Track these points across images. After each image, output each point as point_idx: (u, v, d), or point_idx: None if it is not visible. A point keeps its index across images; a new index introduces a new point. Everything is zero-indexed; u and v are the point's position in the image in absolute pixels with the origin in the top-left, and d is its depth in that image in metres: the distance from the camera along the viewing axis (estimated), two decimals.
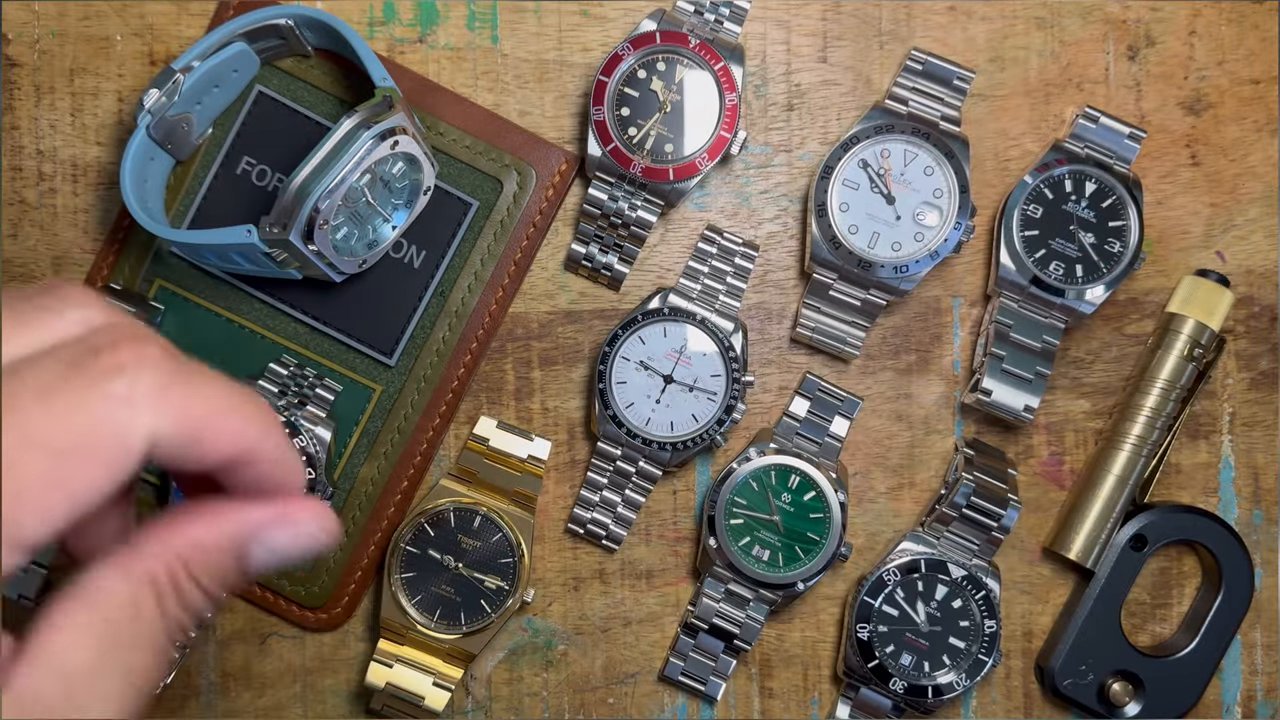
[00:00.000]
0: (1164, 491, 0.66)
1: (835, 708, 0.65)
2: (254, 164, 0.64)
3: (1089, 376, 0.66)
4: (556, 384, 0.65)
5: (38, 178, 0.65)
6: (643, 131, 0.62)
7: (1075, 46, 0.66)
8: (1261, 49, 0.66)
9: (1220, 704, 0.66)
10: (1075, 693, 0.64)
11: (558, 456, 0.65)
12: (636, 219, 0.63)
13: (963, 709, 0.66)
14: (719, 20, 0.63)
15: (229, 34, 0.60)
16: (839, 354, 0.65)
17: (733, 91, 0.62)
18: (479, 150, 0.64)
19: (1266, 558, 0.66)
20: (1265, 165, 0.66)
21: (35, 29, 0.65)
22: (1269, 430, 0.66)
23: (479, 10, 0.65)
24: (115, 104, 0.65)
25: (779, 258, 0.66)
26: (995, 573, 0.63)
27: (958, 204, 0.62)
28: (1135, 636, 0.66)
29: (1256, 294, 0.66)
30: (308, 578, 0.64)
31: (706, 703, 0.65)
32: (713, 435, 0.63)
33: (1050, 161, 0.63)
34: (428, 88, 0.64)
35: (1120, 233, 0.63)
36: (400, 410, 0.64)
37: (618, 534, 0.64)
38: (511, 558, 0.62)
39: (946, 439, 0.66)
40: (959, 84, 0.63)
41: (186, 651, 0.62)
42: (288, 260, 0.58)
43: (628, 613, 0.66)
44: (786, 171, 0.66)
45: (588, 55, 0.65)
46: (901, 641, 0.62)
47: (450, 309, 0.64)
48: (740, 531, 0.62)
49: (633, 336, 0.63)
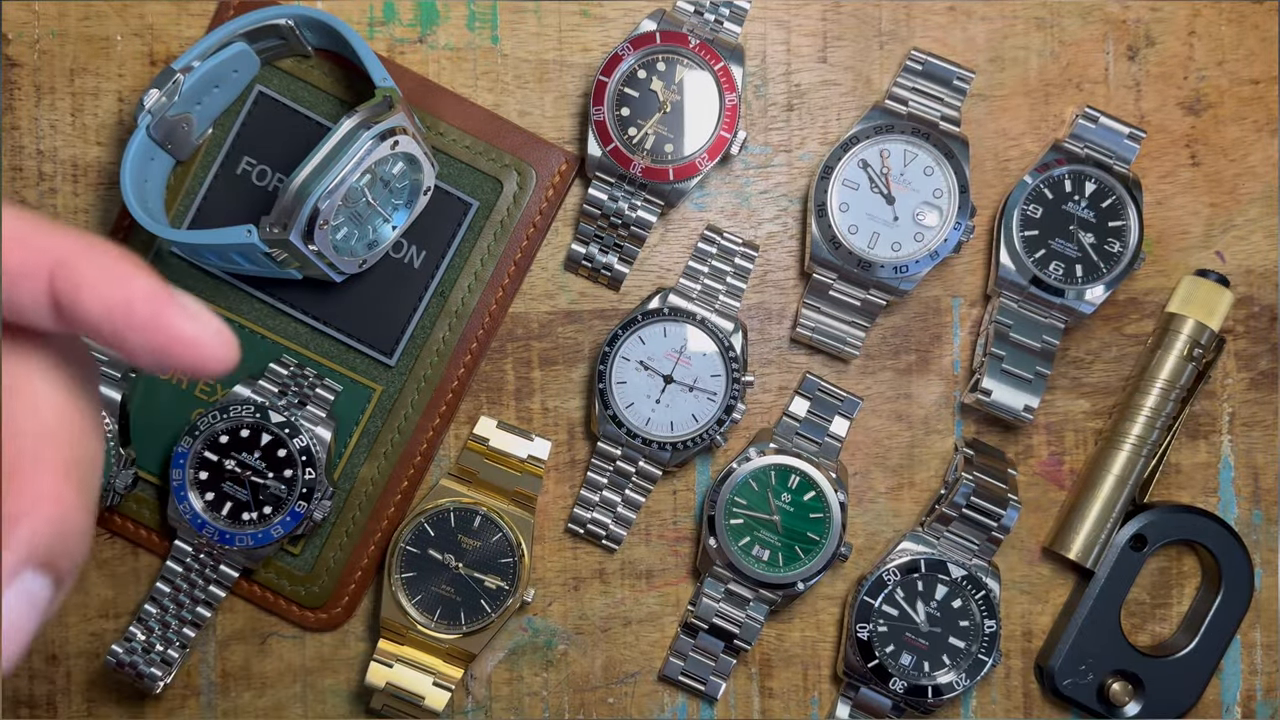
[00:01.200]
0: (1164, 491, 0.66)
1: (835, 707, 0.65)
2: (254, 164, 0.64)
3: (1089, 376, 0.66)
4: (556, 384, 0.65)
5: (38, 178, 0.65)
6: (643, 131, 0.62)
7: (1075, 46, 0.66)
8: (1261, 49, 0.66)
9: (1220, 704, 0.66)
10: (1075, 693, 0.64)
11: (558, 456, 0.65)
12: (636, 219, 0.63)
13: (963, 709, 0.66)
14: (719, 20, 0.63)
15: (229, 34, 0.60)
16: (839, 354, 0.65)
17: (733, 91, 0.62)
18: (479, 150, 0.64)
19: (1266, 558, 0.66)
20: (1265, 165, 0.66)
21: (35, 29, 0.65)
22: (1269, 430, 0.66)
23: (479, 10, 0.65)
24: (115, 104, 0.65)
25: (779, 258, 0.66)
26: (995, 573, 0.63)
27: (957, 204, 0.62)
28: (1135, 636, 0.66)
29: (1256, 294, 0.66)
30: (308, 578, 0.64)
31: (706, 703, 0.65)
32: (713, 435, 0.63)
33: (1050, 161, 0.63)
34: (428, 88, 0.64)
35: (1120, 233, 0.63)
36: (400, 410, 0.64)
37: (618, 534, 0.64)
38: (511, 557, 0.62)
39: (946, 439, 0.66)
40: (959, 84, 0.63)
41: (187, 651, 0.63)
42: (288, 260, 0.58)
43: (628, 613, 0.66)
44: (786, 171, 0.66)
45: (588, 55, 0.65)
46: (901, 641, 0.62)
47: (450, 309, 0.64)
48: (740, 531, 0.62)
49: (633, 336, 0.63)
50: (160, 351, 0.26)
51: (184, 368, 0.26)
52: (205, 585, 0.62)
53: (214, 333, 0.26)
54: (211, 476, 0.61)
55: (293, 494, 0.61)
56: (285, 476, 0.61)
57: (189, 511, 0.61)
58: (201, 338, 0.26)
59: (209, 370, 0.26)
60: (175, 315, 0.25)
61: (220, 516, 0.61)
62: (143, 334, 0.25)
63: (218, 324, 0.26)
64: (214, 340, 0.26)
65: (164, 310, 0.25)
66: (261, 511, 0.61)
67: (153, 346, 0.26)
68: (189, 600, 0.62)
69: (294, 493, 0.61)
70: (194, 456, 0.61)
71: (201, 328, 0.26)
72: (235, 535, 0.61)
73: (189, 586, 0.62)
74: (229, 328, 0.27)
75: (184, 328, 0.26)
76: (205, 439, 0.61)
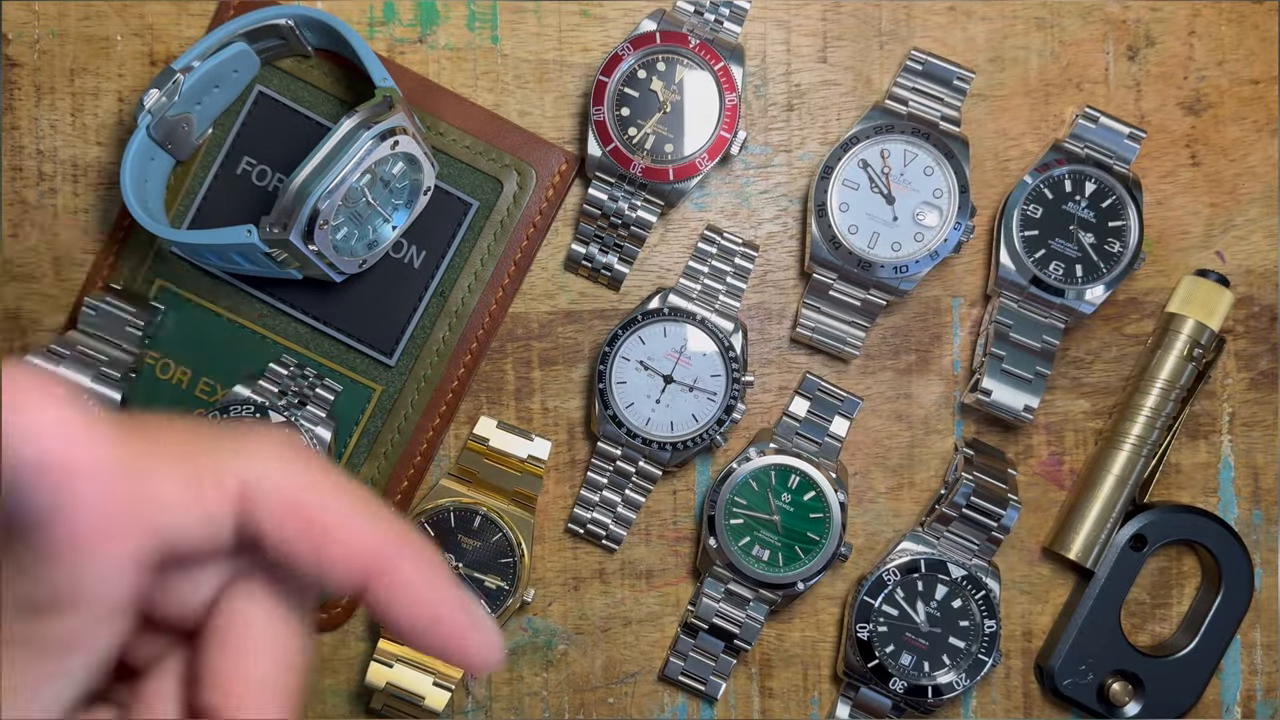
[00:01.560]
0: (1164, 491, 0.66)
1: (835, 707, 0.65)
2: (254, 164, 0.64)
3: (1089, 376, 0.66)
4: (556, 384, 0.65)
5: (38, 178, 0.65)
6: (643, 131, 0.62)
7: (1075, 46, 0.66)
8: (1261, 49, 0.66)
9: (1220, 704, 0.66)
10: (1075, 693, 0.64)
11: (558, 456, 0.65)
12: (636, 219, 0.63)
13: (962, 709, 0.66)
14: (719, 20, 0.63)
15: (229, 34, 0.60)
16: (839, 354, 0.65)
17: (733, 91, 0.62)
18: (479, 150, 0.64)
19: (1266, 558, 0.66)
20: (1265, 165, 0.66)
21: (35, 29, 0.65)
22: (1269, 430, 0.66)
23: (479, 10, 0.65)
24: (115, 104, 0.65)
25: (779, 258, 0.66)
26: (995, 573, 0.63)
27: (957, 204, 0.62)
28: (1135, 636, 0.66)
29: (1256, 294, 0.66)
30: None
31: (706, 702, 0.65)
32: (713, 435, 0.63)
33: (1050, 161, 0.63)
34: (428, 88, 0.64)
35: (1120, 233, 0.63)
36: (400, 410, 0.64)
37: (618, 534, 0.64)
38: (511, 557, 0.62)
39: (946, 439, 0.66)
40: (959, 84, 0.63)
41: None
42: (288, 260, 0.58)
43: (628, 612, 0.66)
44: (786, 171, 0.66)
45: (588, 55, 0.65)
46: (901, 641, 0.62)
47: (450, 309, 0.64)
48: (740, 531, 0.62)
49: (633, 336, 0.63)
50: (440, 652, 0.27)
51: (449, 661, 0.28)
52: None
53: (493, 644, 0.27)
54: None
55: None
56: None
57: None
58: (483, 648, 0.27)
59: (472, 670, 0.28)
60: (472, 632, 0.27)
61: None
62: (438, 642, 0.27)
63: (495, 633, 0.28)
64: (490, 652, 0.27)
65: (466, 628, 0.27)
66: None
67: (439, 650, 0.27)
68: None
69: None
70: None
71: (484, 639, 0.27)
72: None
73: None
74: (499, 633, 0.28)
75: (473, 641, 0.27)
76: None
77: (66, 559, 0.23)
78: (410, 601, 0.26)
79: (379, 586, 0.26)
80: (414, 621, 0.27)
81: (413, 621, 0.27)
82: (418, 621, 0.27)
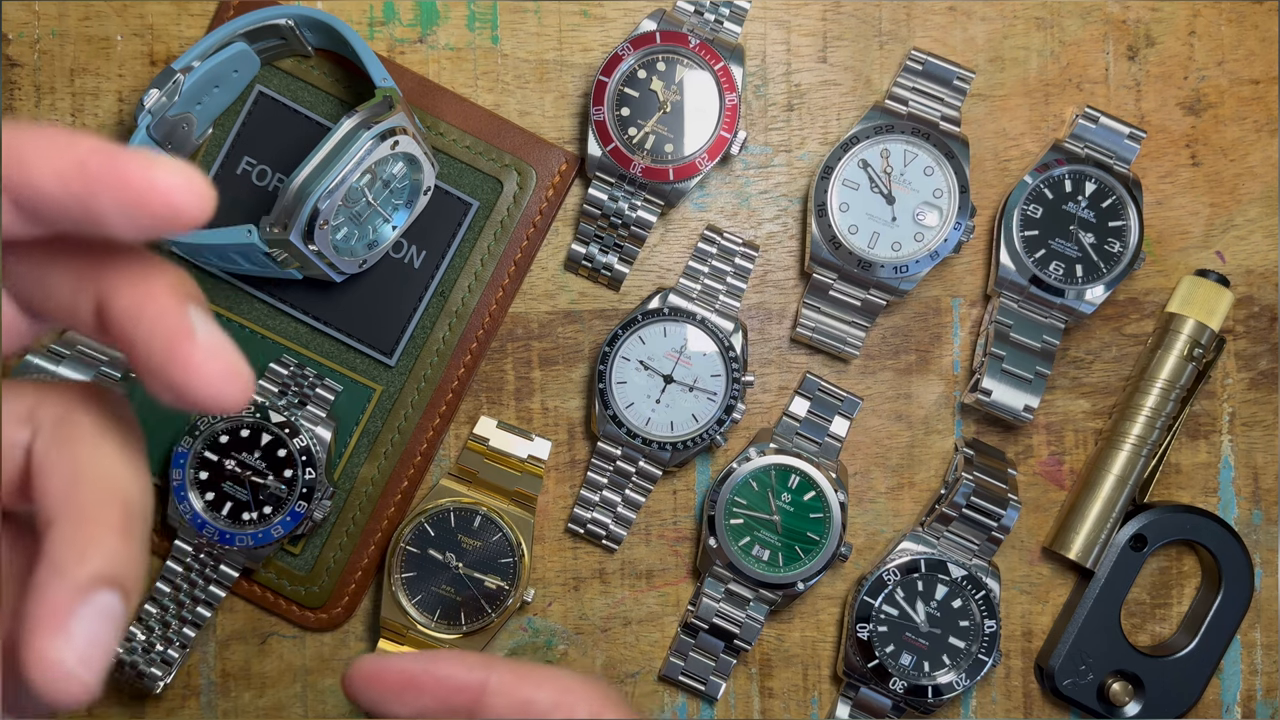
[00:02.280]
0: (1164, 491, 0.66)
1: (835, 708, 0.65)
2: (254, 164, 0.64)
3: (1089, 376, 0.66)
4: (556, 384, 0.65)
5: None
6: (643, 131, 0.62)
7: (1075, 46, 0.66)
8: (1261, 49, 0.66)
9: (1220, 704, 0.66)
10: (1075, 693, 0.64)
11: (558, 456, 0.65)
12: (636, 219, 0.63)
13: (962, 709, 0.66)
14: (719, 20, 0.63)
15: (229, 34, 0.60)
16: (839, 354, 0.65)
17: (733, 91, 0.62)
18: (479, 150, 0.64)
19: (1266, 558, 0.66)
20: (1265, 165, 0.66)
21: (35, 29, 0.65)
22: (1269, 430, 0.66)
23: (479, 10, 0.65)
24: (115, 104, 0.65)
25: (779, 258, 0.66)
26: (995, 573, 0.63)
27: (957, 204, 0.62)
28: (1135, 636, 0.66)
29: (1256, 294, 0.66)
30: (308, 578, 0.64)
31: (706, 702, 0.65)
32: (713, 435, 0.63)
33: (1050, 161, 0.63)
34: (428, 88, 0.64)
35: (1120, 233, 0.63)
36: (400, 410, 0.64)
37: (618, 534, 0.64)
38: (511, 557, 0.62)
39: (946, 439, 0.66)
40: (959, 84, 0.63)
41: (187, 651, 0.63)
42: (288, 260, 0.58)
43: (628, 612, 0.66)
44: (786, 171, 0.66)
45: (588, 55, 0.65)
46: (901, 641, 0.62)
47: (450, 309, 0.64)
48: (740, 531, 0.62)
49: (633, 336, 0.63)
50: (133, 207, 0.24)
51: (161, 221, 0.24)
52: (205, 585, 0.62)
53: (182, 175, 0.25)
54: (211, 476, 0.61)
55: (293, 494, 0.61)
56: (285, 476, 0.61)
57: (189, 511, 0.61)
58: (169, 181, 0.24)
59: (186, 219, 0.25)
60: (130, 161, 0.24)
61: (220, 516, 0.61)
62: (108, 192, 0.24)
63: (184, 166, 0.25)
64: (184, 183, 0.24)
65: (117, 159, 0.24)
66: (261, 511, 0.61)
67: (123, 204, 0.24)
68: (189, 600, 0.62)
69: (294, 493, 0.61)
70: (194, 456, 0.61)
71: (166, 171, 0.24)
72: (235, 535, 0.61)
73: (189, 586, 0.62)
74: (201, 172, 0.25)
75: (146, 173, 0.24)
76: (205, 439, 0.61)
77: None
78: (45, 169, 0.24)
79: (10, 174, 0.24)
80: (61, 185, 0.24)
81: (59, 186, 0.24)
82: (64, 183, 0.24)
